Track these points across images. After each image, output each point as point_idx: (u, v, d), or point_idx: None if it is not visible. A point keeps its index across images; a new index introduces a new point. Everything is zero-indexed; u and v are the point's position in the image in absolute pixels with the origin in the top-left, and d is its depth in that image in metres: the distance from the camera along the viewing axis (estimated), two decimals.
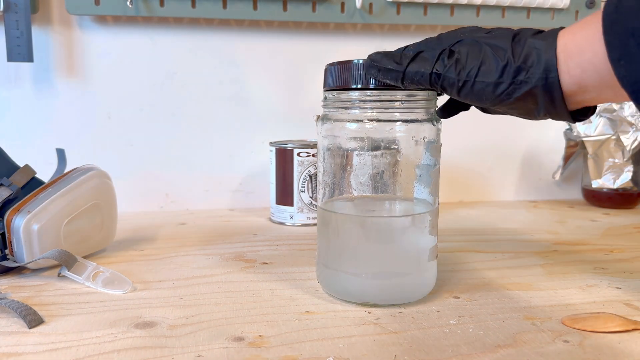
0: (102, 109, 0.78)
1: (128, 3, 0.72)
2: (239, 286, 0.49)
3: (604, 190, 0.84)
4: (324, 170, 0.46)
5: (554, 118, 0.40)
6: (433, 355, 0.36)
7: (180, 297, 0.46)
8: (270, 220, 0.75)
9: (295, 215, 0.72)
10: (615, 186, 0.82)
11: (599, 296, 0.47)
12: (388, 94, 0.42)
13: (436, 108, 0.45)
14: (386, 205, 0.47)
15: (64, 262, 0.48)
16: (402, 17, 0.80)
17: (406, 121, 0.43)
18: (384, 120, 0.43)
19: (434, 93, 0.44)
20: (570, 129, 0.86)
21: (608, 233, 0.69)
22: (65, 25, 0.75)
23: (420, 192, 0.45)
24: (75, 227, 0.54)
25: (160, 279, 0.50)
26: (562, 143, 0.89)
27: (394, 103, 0.42)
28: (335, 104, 0.44)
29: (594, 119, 0.83)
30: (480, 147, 0.89)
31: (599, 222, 0.75)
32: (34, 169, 0.56)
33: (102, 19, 0.76)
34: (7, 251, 0.51)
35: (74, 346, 0.37)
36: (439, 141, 0.45)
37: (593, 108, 0.41)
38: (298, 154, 0.70)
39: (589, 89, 0.37)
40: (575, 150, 0.87)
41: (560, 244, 0.64)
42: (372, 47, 0.83)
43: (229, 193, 0.83)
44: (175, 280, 0.50)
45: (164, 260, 0.56)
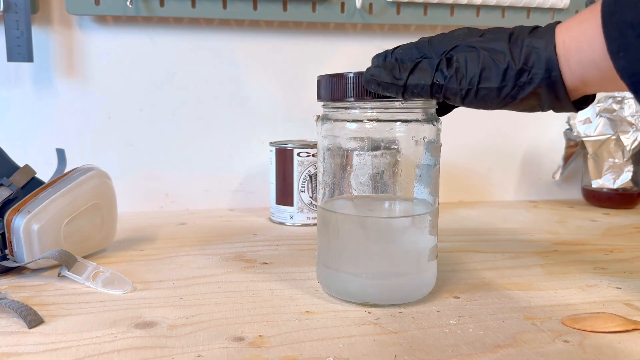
0: (102, 109, 0.78)
1: (128, 3, 0.72)
2: (239, 286, 0.49)
3: (604, 190, 0.84)
4: (324, 170, 0.46)
5: (558, 111, 0.41)
6: (433, 355, 0.36)
7: (180, 297, 0.46)
8: (270, 220, 0.75)
9: (295, 215, 0.72)
10: (615, 186, 0.82)
11: (599, 296, 0.47)
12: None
13: (436, 108, 0.45)
14: (386, 205, 0.47)
15: (64, 262, 0.48)
16: (402, 17, 0.80)
17: (406, 121, 0.43)
18: (384, 120, 0.43)
19: None
20: (570, 129, 0.86)
21: (608, 233, 0.69)
22: (65, 25, 0.75)
23: (420, 192, 0.45)
24: (75, 227, 0.54)
25: (160, 279, 0.50)
26: (562, 143, 0.89)
27: (394, 103, 0.42)
28: (335, 104, 0.44)
29: (594, 119, 0.83)
30: (480, 147, 0.89)
31: (599, 222, 0.75)
32: (34, 169, 0.56)
33: (102, 19, 0.76)
34: (7, 251, 0.51)
35: (74, 346, 0.37)
36: (439, 141, 0.45)
37: (593, 95, 0.41)
38: (298, 154, 0.70)
39: (591, 83, 0.38)
40: (575, 150, 0.87)
41: (560, 244, 0.64)
42: (372, 47, 0.83)
43: (229, 193, 0.83)
44: (175, 280, 0.50)
45: (164, 260, 0.56)
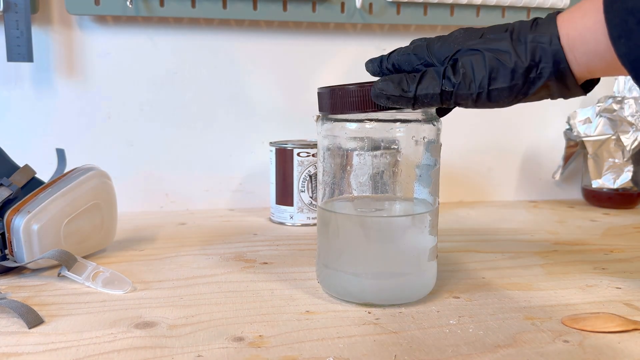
0: (102, 109, 0.78)
1: (128, 3, 0.72)
2: (239, 286, 0.49)
3: (604, 190, 0.84)
4: (324, 170, 0.46)
5: (567, 97, 0.41)
6: (433, 355, 0.36)
7: (180, 297, 0.46)
8: (270, 220, 0.75)
9: (295, 215, 0.72)
10: (615, 186, 0.82)
11: (599, 296, 0.47)
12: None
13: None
14: (386, 205, 0.47)
15: (64, 262, 0.48)
16: (402, 17, 0.80)
17: (406, 121, 0.43)
18: (384, 120, 0.43)
19: None
20: (570, 129, 0.86)
21: (608, 233, 0.69)
22: (65, 25, 0.75)
23: (420, 192, 0.45)
24: (75, 227, 0.54)
25: (160, 279, 0.50)
26: (562, 143, 0.89)
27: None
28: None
29: (594, 119, 0.83)
30: (480, 147, 0.89)
31: (599, 222, 0.75)
32: (34, 169, 0.56)
33: (102, 19, 0.76)
34: (7, 251, 0.51)
35: (74, 346, 0.37)
36: (439, 141, 0.45)
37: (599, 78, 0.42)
38: (298, 154, 0.70)
39: (596, 71, 0.39)
40: (575, 150, 0.87)
41: (560, 244, 0.64)
42: (372, 47, 0.83)
43: (229, 193, 0.83)
44: (175, 280, 0.50)
45: (164, 260, 0.56)
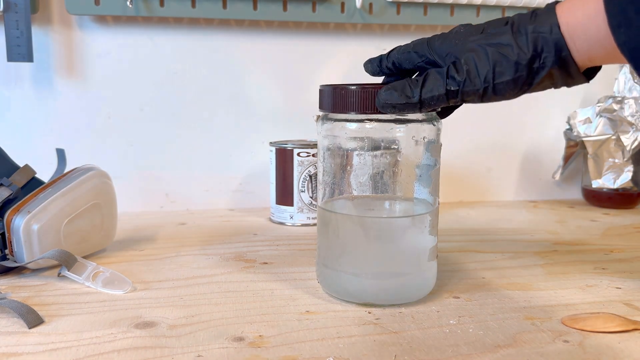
0: (102, 109, 0.78)
1: (128, 3, 0.72)
2: (239, 286, 0.49)
3: (604, 190, 0.84)
4: (324, 170, 0.46)
5: (570, 86, 0.42)
6: (433, 355, 0.36)
7: (180, 297, 0.46)
8: (270, 220, 0.75)
9: (295, 215, 0.72)
10: (615, 186, 0.82)
11: (599, 296, 0.47)
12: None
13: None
14: (386, 205, 0.47)
15: (64, 262, 0.48)
16: (402, 17, 0.80)
17: (406, 121, 0.43)
18: (384, 120, 0.43)
19: None
20: (570, 129, 0.86)
21: (608, 233, 0.69)
22: (65, 25, 0.75)
23: (420, 192, 0.45)
24: (75, 227, 0.54)
25: (160, 279, 0.50)
26: (562, 143, 0.88)
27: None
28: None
29: (594, 119, 0.83)
30: (480, 147, 0.89)
31: (599, 222, 0.75)
32: (34, 169, 0.56)
33: (102, 19, 0.76)
34: (7, 251, 0.51)
35: (74, 346, 0.37)
36: (439, 141, 0.45)
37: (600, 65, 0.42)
38: (298, 154, 0.70)
39: (597, 59, 0.39)
40: (575, 150, 0.87)
41: (560, 244, 0.64)
42: (372, 47, 0.83)
43: (229, 193, 0.83)
44: (175, 280, 0.50)
45: (164, 260, 0.56)
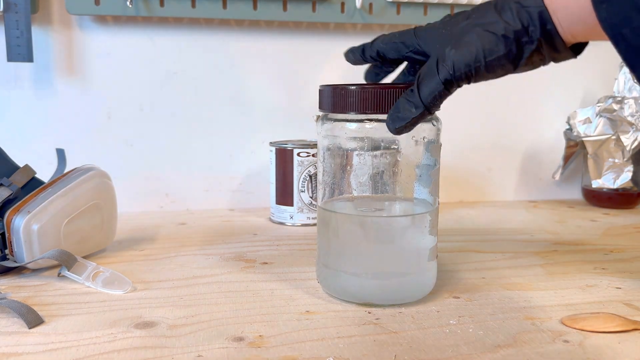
0: (102, 109, 0.78)
1: (128, 3, 0.72)
2: (239, 286, 0.49)
3: (604, 190, 0.84)
4: (324, 170, 0.46)
5: (558, 61, 0.42)
6: (433, 355, 0.36)
7: (180, 297, 0.46)
8: (270, 220, 0.75)
9: (295, 215, 0.72)
10: (615, 186, 0.82)
11: (599, 296, 0.47)
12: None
13: None
14: (386, 205, 0.47)
15: (64, 262, 0.48)
16: (402, 17, 0.80)
17: None
18: (384, 121, 0.43)
19: None
20: (570, 129, 0.86)
21: (608, 233, 0.69)
22: (65, 25, 0.75)
23: (420, 192, 0.45)
24: (75, 227, 0.54)
25: (160, 279, 0.50)
26: (562, 143, 0.88)
27: None
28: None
29: (594, 119, 0.83)
30: (480, 147, 0.89)
31: (599, 222, 0.75)
32: (34, 169, 0.56)
33: (102, 19, 0.76)
34: (7, 251, 0.51)
35: (74, 346, 0.37)
36: (438, 141, 0.45)
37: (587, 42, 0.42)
38: (298, 154, 0.70)
39: (579, 35, 0.39)
40: (575, 150, 0.87)
41: (560, 244, 0.64)
42: None
43: (229, 193, 0.83)
44: (175, 280, 0.50)
45: (164, 260, 0.56)
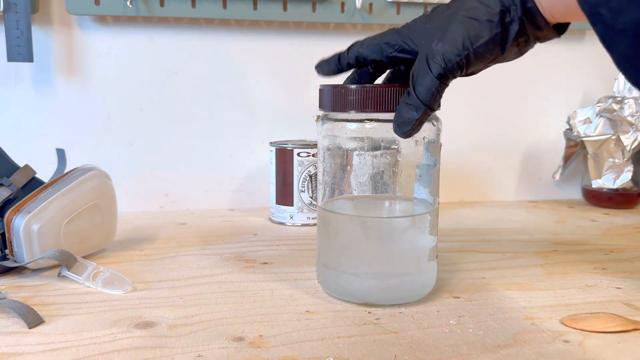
0: (102, 109, 0.78)
1: (128, 3, 0.72)
2: (239, 286, 0.49)
3: (604, 190, 0.84)
4: (324, 170, 0.46)
5: (543, 41, 0.42)
6: (433, 355, 0.36)
7: (180, 297, 0.46)
8: (270, 220, 0.75)
9: (295, 215, 0.72)
10: (615, 186, 0.82)
11: (599, 296, 0.47)
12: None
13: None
14: (386, 205, 0.47)
15: (64, 262, 0.48)
16: (402, 17, 0.80)
17: None
18: (384, 120, 0.43)
19: None
20: (570, 129, 0.86)
21: (608, 233, 0.69)
22: (65, 25, 0.75)
23: (420, 192, 0.45)
24: (75, 227, 0.54)
25: (160, 279, 0.50)
26: (562, 143, 0.89)
27: None
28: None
29: (594, 119, 0.83)
30: (480, 147, 0.89)
31: (599, 222, 0.75)
32: (34, 169, 0.56)
33: (102, 19, 0.76)
34: (7, 251, 0.51)
35: (74, 346, 0.37)
36: (439, 141, 0.45)
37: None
38: (298, 154, 0.70)
39: (558, 15, 0.40)
40: (575, 150, 0.87)
41: (560, 244, 0.64)
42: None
43: (229, 193, 0.83)
44: (175, 280, 0.50)
45: (164, 260, 0.56)
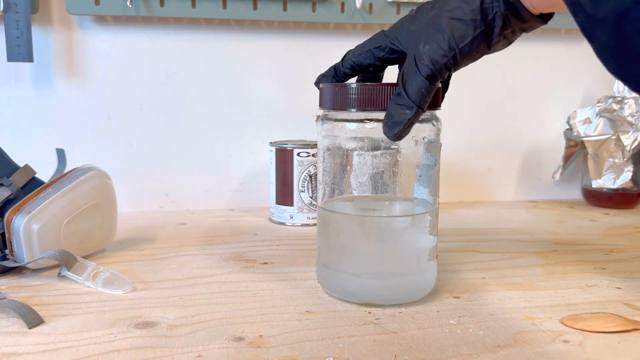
0: (102, 109, 0.78)
1: (128, 3, 0.72)
2: (239, 286, 0.49)
3: (604, 190, 0.84)
4: (324, 170, 0.46)
5: (529, 30, 0.42)
6: (433, 355, 0.36)
7: (180, 297, 0.46)
8: (270, 220, 0.75)
9: (295, 215, 0.72)
10: (615, 186, 0.82)
11: (599, 296, 0.47)
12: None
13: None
14: (386, 205, 0.47)
15: (64, 262, 0.48)
16: None
17: None
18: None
19: None
20: (570, 129, 0.86)
21: (608, 233, 0.69)
22: (65, 25, 0.75)
23: (420, 192, 0.45)
24: (75, 227, 0.54)
25: (160, 279, 0.50)
26: (562, 143, 0.89)
27: None
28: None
29: (594, 119, 0.83)
30: (480, 146, 0.89)
31: (599, 222, 0.75)
32: (34, 169, 0.56)
33: (102, 19, 0.76)
34: (7, 251, 0.51)
35: (74, 346, 0.37)
36: (438, 141, 0.45)
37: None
38: (298, 154, 0.70)
39: (540, 6, 0.40)
40: (575, 150, 0.87)
41: (560, 244, 0.64)
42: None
43: (229, 193, 0.83)
44: (175, 280, 0.50)
45: (164, 260, 0.56)
